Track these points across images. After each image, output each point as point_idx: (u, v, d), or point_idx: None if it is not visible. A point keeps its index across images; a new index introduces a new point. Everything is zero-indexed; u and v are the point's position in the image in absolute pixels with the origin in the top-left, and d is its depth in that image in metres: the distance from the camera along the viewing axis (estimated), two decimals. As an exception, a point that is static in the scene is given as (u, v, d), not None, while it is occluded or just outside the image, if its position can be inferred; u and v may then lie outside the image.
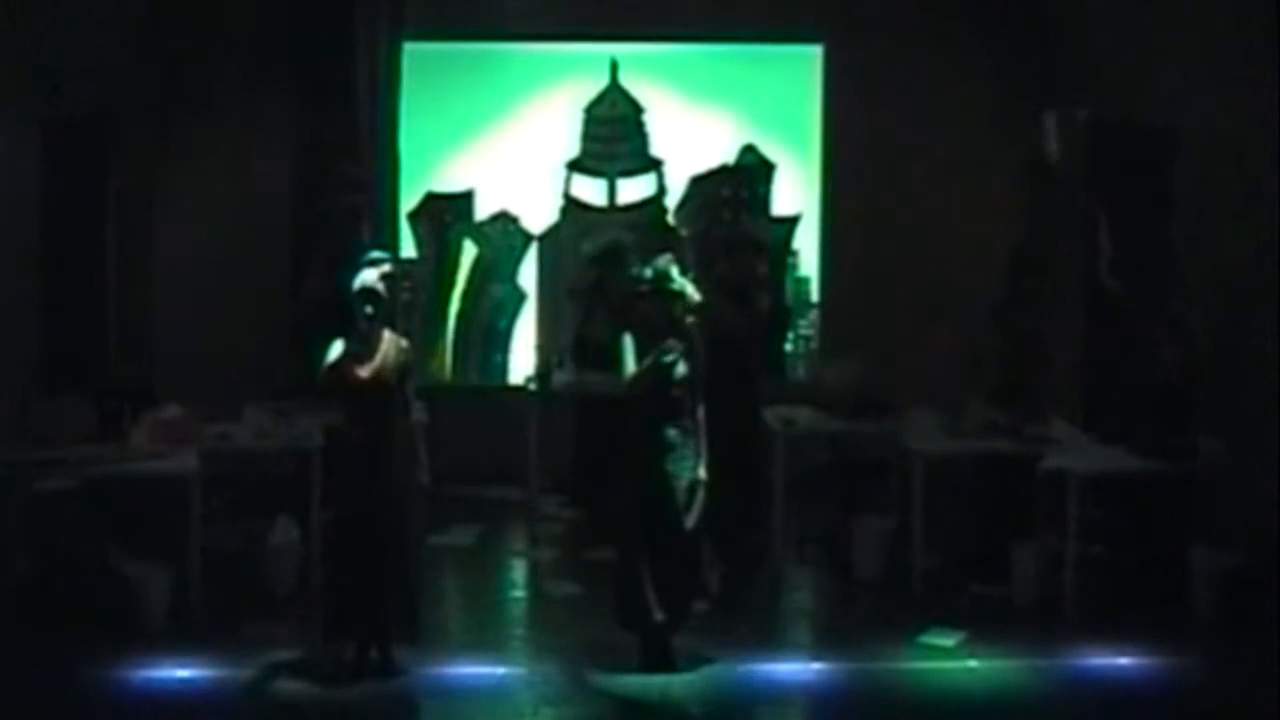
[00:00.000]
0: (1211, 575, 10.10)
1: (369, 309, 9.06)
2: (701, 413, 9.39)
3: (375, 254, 9.37)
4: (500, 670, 9.38)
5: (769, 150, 13.62)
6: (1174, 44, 11.34)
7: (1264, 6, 10.27)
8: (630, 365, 9.33)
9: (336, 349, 9.08)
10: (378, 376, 9.06)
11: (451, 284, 13.67)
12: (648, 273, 9.53)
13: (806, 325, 13.77)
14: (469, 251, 13.66)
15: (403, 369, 9.15)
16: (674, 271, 9.46)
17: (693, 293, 9.47)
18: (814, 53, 13.50)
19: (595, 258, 12.75)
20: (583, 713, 8.93)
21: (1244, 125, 10.58)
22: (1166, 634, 9.77)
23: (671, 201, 13.59)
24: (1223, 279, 10.78)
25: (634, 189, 13.64)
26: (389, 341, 9.15)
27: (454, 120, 13.52)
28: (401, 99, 12.90)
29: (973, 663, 9.54)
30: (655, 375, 9.28)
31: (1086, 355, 12.35)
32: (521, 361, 13.43)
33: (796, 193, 13.66)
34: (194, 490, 9.98)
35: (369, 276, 9.09)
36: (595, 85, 13.56)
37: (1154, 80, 11.65)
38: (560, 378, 12.07)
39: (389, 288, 9.19)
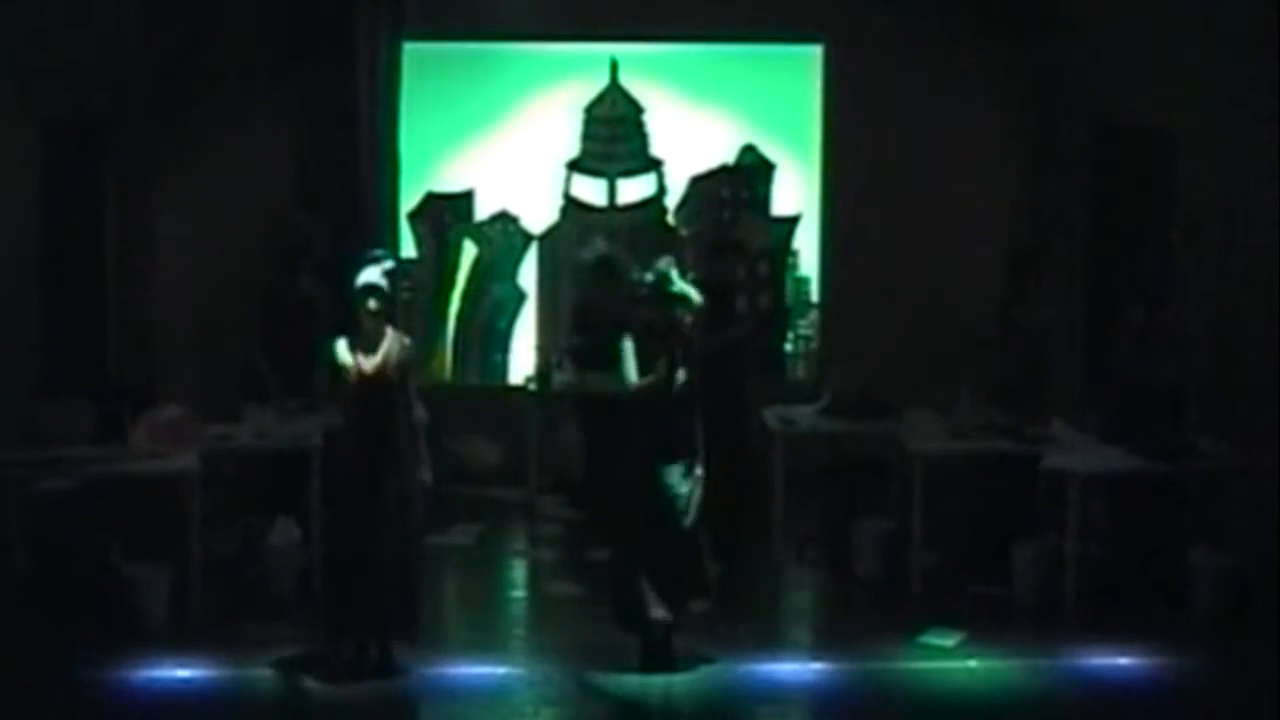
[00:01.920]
0: (1211, 575, 10.10)
1: (372, 304, 9.06)
2: (699, 412, 9.38)
3: (377, 252, 9.38)
4: (500, 670, 9.38)
5: (769, 150, 13.61)
6: (1174, 44, 11.33)
7: (1264, 6, 10.27)
8: (631, 368, 9.30)
9: (340, 346, 9.09)
10: (381, 372, 9.06)
11: (451, 284, 13.66)
12: (648, 276, 9.52)
13: (806, 325, 13.76)
14: (469, 251, 13.65)
15: (405, 366, 9.16)
16: (674, 274, 9.45)
17: (693, 295, 9.46)
18: (814, 53, 13.48)
19: (583, 272, 12.68)
20: (583, 713, 8.94)
21: (1244, 125, 10.57)
22: (1166, 634, 9.76)
23: (671, 201, 13.59)
24: (1222, 279, 10.77)
25: (634, 189, 13.62)
26: (392, 338, 9.15)
27: (454, 120, 13.50)
28: (401, 99, 12.89)
29: (973, 663, 9.53)
30: (659, 383, 9.26)
31: (1086, 355, 12.36)
32: (521, 361, 13.42)
33: (796, 193, 13.65)
34: (194, 490, 9.98)
35: (372, 273, 9.10)
36: (595, 85, 13.54)
37: (1154, 80, 11.64)
38: (560, 378, 12.06)
39: (391, 285, 9.21)
